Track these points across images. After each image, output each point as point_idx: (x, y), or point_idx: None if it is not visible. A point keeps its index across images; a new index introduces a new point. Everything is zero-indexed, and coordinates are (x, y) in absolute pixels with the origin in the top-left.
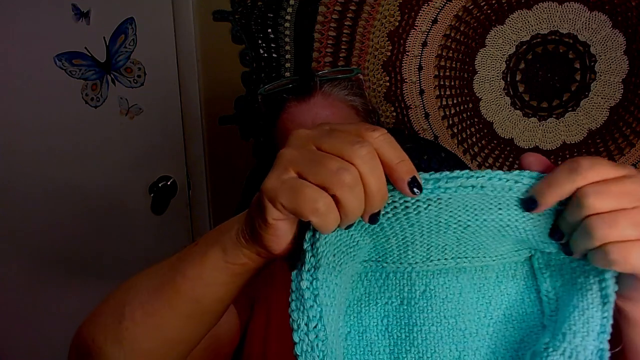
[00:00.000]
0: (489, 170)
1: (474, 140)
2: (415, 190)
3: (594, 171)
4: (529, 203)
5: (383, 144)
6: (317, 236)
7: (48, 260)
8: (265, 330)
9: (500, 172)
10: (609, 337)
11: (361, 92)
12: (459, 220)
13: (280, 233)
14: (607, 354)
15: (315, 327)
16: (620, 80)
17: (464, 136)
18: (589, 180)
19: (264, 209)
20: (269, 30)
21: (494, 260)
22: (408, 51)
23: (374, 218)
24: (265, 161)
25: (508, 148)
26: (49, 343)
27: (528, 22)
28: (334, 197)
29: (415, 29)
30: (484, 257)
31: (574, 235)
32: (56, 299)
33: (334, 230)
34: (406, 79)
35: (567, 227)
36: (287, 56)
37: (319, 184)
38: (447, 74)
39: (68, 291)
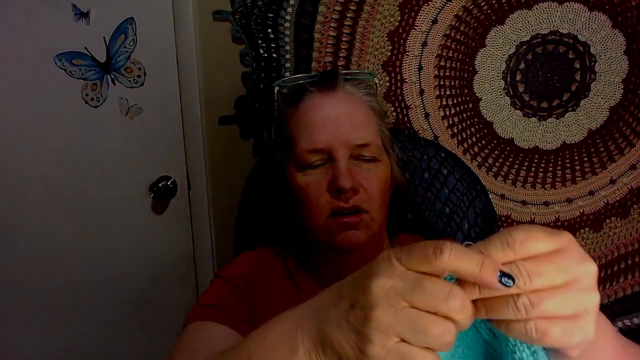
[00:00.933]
0: None
1: (474, 140)
2: (508, 281)
3: (526, 247)
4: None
5: (459, 262)
6: None
7: (47, 259)
8: None
9: None
10: None
11: (376, 95)
12: None
13: None
14: None
15: None
16: (620, 80)
17: (464, 136)
18: (521, 255)
19: None
20: (269, 30)
21: None
22: (408, 51)
23: None
24: (271, 155)
25: (508, 148)
26: (49, 341)
27: (528, 22)
28: None
29: (415, 29)
30: None
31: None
32: (55, 299)
33: None
34: (406, 79)
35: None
36: (287, 56)
37: (425, 346)
38: (447, 74)
39: (68, 291)
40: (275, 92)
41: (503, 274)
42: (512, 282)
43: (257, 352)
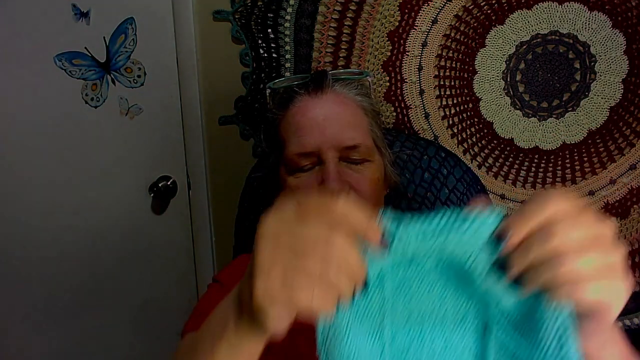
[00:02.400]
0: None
1: (474, 140)
2: (385, 241)
3: (562, 203)
4: (500, 237)
5: (350, 210)
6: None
7: (47, 259)
8: None
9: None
10: None
11: (369, 94)
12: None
13: (284, 323)
14: None
15: None
16: (620, 80)
17: (464, 136)
18: (558, 210)
19: (264, 319)
20: (269, 30)
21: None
22: (408, 51)
23: (364, 286)
24: (267, 158)
25: (508, 148)
26: (49, 341)
27: (528, 22)
28: None
29: (415, 29)
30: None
31: (535, 268)
32: (55, 299)
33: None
34: (406, 79)
35: (521, 262)
36: (287, 56)
37: (308, 284)
38: (447, 74)
39: (67, 290)
40: (267, 94)
41: (383, 236)
42: (388, 244)
43: (202, 337)
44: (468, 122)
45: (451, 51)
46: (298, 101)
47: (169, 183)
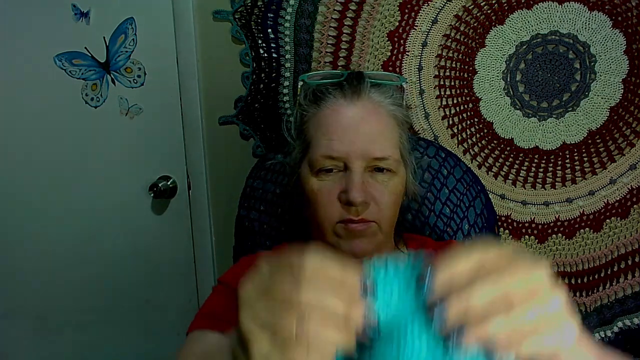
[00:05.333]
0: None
1: (474, 140)
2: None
3: (490, 253)
4: (422, 279)
5: (320, 266)
6: None
7: (47, 259)
8: None
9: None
10: None
11: (402, 102)
12: None
13: None
14: None
15: None
16: (620, 80)
17: (464, 136)
18: (487, 260)
19: None
20: (269, 30)
21: None
22: (408, 51)
23: (364, 335)
24: (287, 149)
25: (508, 148)
26: (49, 341)
27: (528, 22)
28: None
29: (415, 29)
30: None
31: (471, 322)
32: (55, 299)
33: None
34: (406, 78)
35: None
36: (287, 56)
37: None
38: (447, 74)
39: (68, 290)
40: (300, 86)
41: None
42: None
43: None
44: (468, 122)
45: (451, 51)
46: (331, 102)
47: (169, 183)
